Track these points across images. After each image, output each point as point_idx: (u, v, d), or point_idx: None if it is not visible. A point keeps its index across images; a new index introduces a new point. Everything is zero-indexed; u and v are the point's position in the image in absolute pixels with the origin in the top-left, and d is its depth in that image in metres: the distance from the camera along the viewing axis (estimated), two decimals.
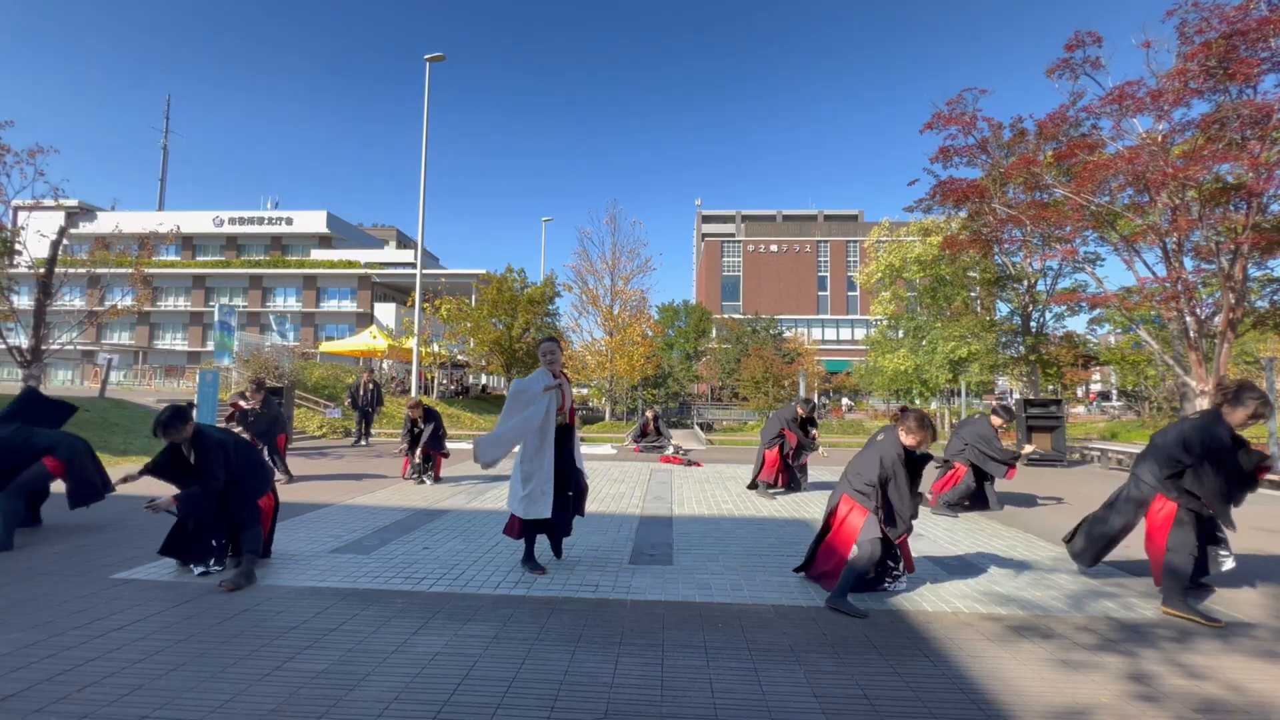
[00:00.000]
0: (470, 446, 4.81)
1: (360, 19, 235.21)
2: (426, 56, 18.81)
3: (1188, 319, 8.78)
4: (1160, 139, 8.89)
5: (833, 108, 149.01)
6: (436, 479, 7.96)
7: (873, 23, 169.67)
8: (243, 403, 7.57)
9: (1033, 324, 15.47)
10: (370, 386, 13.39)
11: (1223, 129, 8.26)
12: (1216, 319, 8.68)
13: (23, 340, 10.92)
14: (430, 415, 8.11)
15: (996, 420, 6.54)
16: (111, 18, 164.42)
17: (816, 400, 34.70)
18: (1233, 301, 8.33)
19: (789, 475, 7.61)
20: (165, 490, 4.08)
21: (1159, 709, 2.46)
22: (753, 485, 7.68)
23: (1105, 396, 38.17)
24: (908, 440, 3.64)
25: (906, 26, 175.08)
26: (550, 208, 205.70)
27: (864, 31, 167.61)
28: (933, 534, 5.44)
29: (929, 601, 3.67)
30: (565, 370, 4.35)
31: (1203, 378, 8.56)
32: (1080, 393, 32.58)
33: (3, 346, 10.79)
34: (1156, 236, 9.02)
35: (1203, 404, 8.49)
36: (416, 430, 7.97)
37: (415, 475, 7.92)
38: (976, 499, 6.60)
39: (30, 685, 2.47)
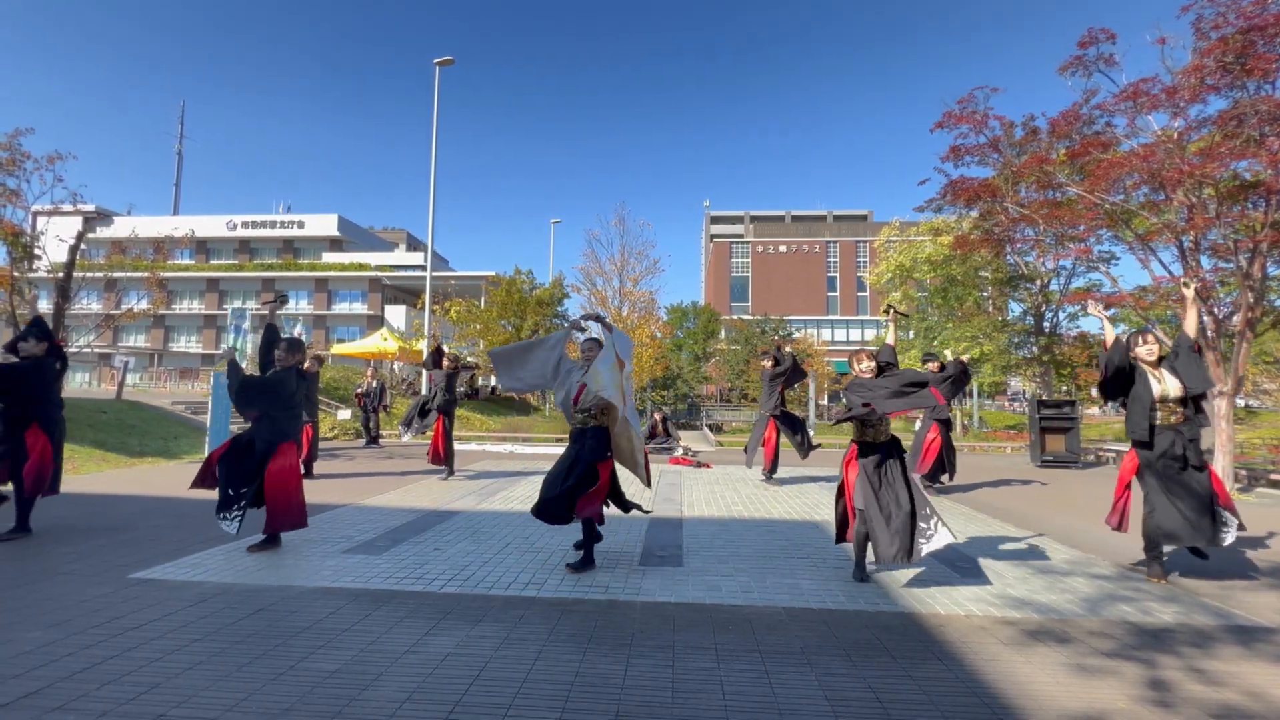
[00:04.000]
0: (479, 448, 4.97)
1: (370, 22, 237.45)
2: (436, 60, 18.95)
3: (1205, 319, 8.64)
4: (1176, 136, 8.75)
5: (841, 107, 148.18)
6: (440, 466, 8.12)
7: (882, 21, 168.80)
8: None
9: (1046, 324, 15.30)
10: (374, 386, 13.51)
11: (1240, 125, 8.13)
12: (1234, 318, 8.53)
13: None
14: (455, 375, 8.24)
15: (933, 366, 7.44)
16: (123, 21, 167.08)
17: (825, 401, 34.56)
18: (1251, 301, 8.18)
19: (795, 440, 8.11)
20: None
21: (1176, 715, 2.42)
22: (770, 469, 8.23)
23: None
24: (858, 368, 4.06)
25: (916, 25, 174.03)
26: (558, 209, 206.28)
27: (873, 30, 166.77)
28: (944, 536, 5.39)
29: (942, 604, 3.64)
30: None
31: (1221, 378, 8.41)
32: (1095, 393, 32.16)
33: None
34: (1172, 235, 8.89)
35: (1221, 404, 8.35)
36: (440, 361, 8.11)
37: (445, 473, 8.23)
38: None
39: (50, 683, 2.51)
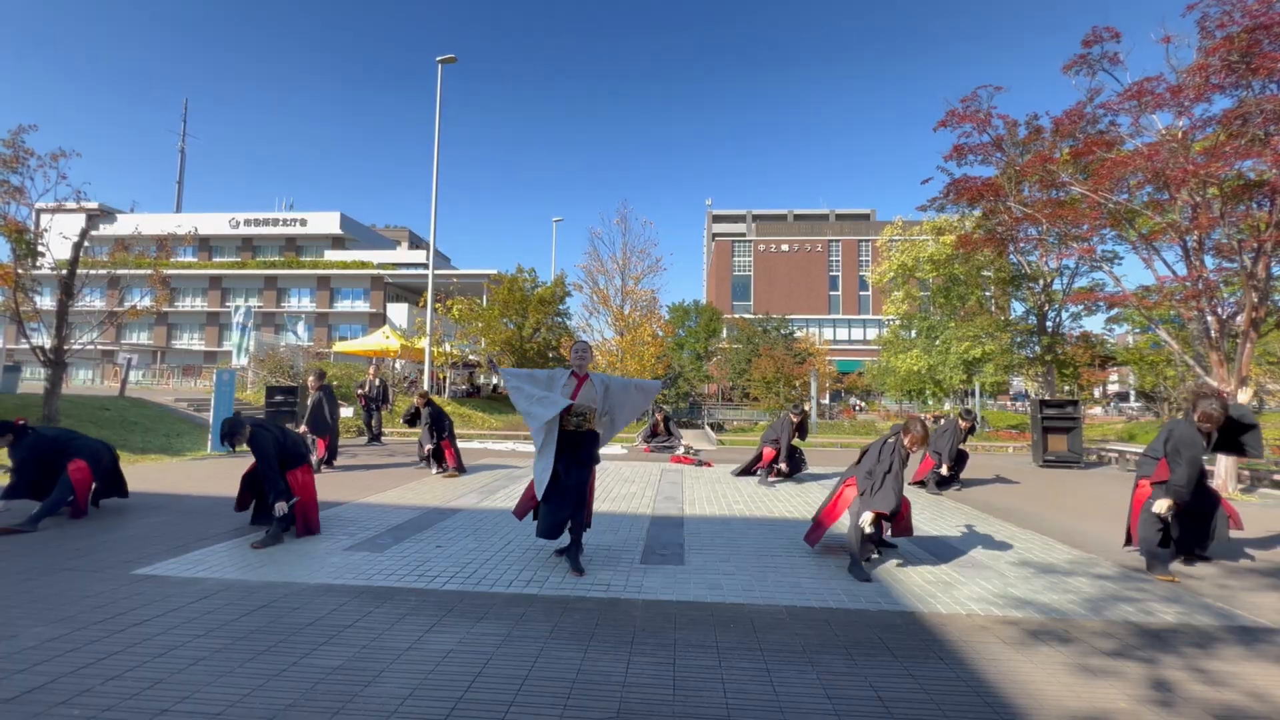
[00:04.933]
0: (480, 446, 5.00)
1: (372, 20, 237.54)
2: (438, 58, 18.95)
3: (1208, 318, 8.60)
4: (1180, 135, 8.72)
5: (844, 106, 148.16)
6: (451, 469, 8.56)
7: (885, 20, 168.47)
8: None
9: (1049, 324, 15.26)
10: (376, 383, 13.52)
11: (1245, 125, 8.10)
12: (1238, 318, 8.50)
13: (46, 340, 11.13)
14: (431, 405, 8.88)
15: (963, 423, 7.92)
16: (125, 19, 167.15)
17: (827, 401, 34.53)
18: (1255, 300, 8.14)
19: (787, 464, 8.44)
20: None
21: (1178, 716, 2.42)
22: (745, 472, 8.68)
23: (1123, 397, 37.59)
24: (909, 444, 4.27)
25: (919, 24, 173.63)
26: (561, 208, 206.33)
27: (876, 29, 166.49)
28: (947, 535, 5.39)
29: (943, 604, 3.63)
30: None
31: (1224, 378, 8.38)
32: (1097, 394, 32.11)
33: (27, 346, 11.02)
34: (1176, 234, 8.86)
35: None
36: (419, 416, 8.84)
37: (436, 468, 8.69)
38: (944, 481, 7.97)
39: (54, 678, 2.52)
